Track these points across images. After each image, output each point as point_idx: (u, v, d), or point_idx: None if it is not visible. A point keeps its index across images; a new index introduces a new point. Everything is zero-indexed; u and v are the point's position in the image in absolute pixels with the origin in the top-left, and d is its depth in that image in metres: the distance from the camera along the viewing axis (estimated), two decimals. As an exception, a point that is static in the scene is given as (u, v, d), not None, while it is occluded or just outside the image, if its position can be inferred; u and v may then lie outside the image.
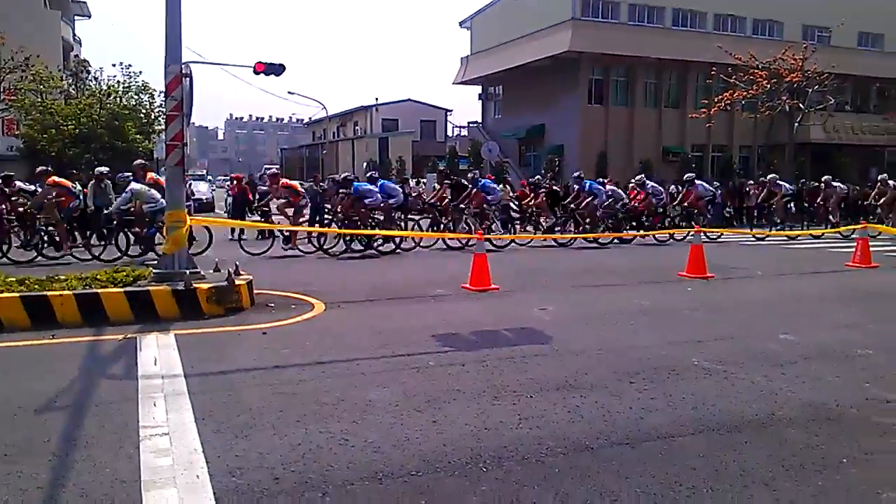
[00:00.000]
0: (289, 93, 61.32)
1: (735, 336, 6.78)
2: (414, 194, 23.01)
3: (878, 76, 40.28)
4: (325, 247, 13.92)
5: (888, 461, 3.71)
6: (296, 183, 16.43)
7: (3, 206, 12.29)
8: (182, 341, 6.21)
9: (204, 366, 5.44)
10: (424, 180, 27.26)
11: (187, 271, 7.90)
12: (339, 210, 14.45)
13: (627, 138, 38.09)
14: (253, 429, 4.05)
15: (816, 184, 22.39)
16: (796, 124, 32.78)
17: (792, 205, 20.25)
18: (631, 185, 19.21)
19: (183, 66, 8.22)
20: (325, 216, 15.97)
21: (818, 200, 20.51)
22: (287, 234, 13.94)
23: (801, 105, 32.15)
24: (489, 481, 3.39)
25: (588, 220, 16.84)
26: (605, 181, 19.76)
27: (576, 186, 17.32)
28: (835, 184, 20.46)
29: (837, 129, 39.30)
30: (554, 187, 19.54)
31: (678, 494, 3.28)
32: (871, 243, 13.00)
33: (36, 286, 7.27)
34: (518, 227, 17.45)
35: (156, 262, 9.46)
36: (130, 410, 4.33)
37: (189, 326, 6.89)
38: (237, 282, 7.77)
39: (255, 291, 8.23)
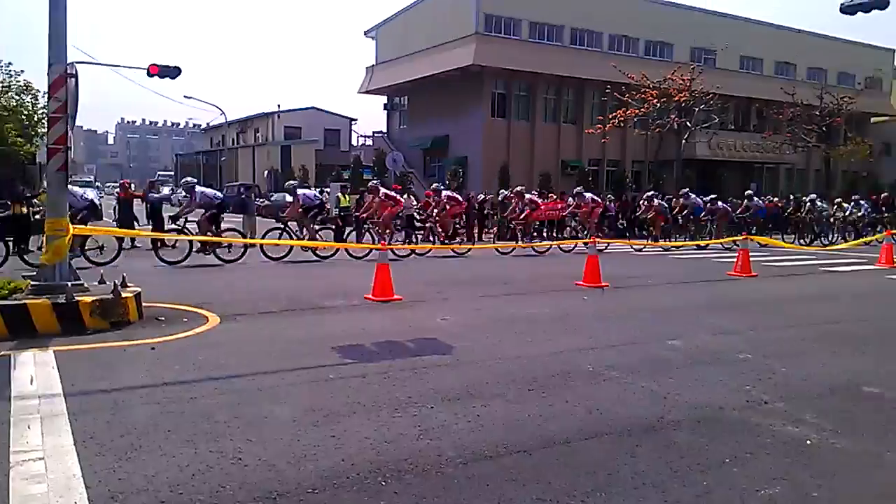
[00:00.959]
0: (185, 97, 59.38)
1: (628, 343, 7.04)
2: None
3: (758, 97, 43.45)
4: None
5: (766, 460, 3.94)
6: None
7: None
8: (62, 358, 5.80)
9: (86, 384, 5.09)
10: (328, 189, 27.03)
11: (69, 283, 7.40)
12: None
13: (528, 151, 39.17)
14: (138, 450, 3.82)
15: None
16: (683, 141, 34.80)
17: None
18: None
19: (69, 66, 7.75)
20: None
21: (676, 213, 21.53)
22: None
23: (688, 123, 34.21)
24: (388, 495, 3.34)
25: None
26: (509, 193, 20.34)
27: (480, 197, 17.64)
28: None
29: (721, 147, 42.16)
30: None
31: (574, 500, 3.34)
32: (751, 253, 13.90)
33: None
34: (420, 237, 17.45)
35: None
36: (1, 434, 3.99)
37: (70, 342, 6.45)
38: (124, 294, 7.35)
39: (146, 304, 7.82)
